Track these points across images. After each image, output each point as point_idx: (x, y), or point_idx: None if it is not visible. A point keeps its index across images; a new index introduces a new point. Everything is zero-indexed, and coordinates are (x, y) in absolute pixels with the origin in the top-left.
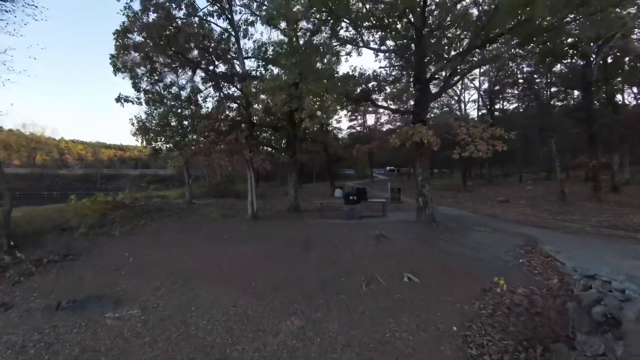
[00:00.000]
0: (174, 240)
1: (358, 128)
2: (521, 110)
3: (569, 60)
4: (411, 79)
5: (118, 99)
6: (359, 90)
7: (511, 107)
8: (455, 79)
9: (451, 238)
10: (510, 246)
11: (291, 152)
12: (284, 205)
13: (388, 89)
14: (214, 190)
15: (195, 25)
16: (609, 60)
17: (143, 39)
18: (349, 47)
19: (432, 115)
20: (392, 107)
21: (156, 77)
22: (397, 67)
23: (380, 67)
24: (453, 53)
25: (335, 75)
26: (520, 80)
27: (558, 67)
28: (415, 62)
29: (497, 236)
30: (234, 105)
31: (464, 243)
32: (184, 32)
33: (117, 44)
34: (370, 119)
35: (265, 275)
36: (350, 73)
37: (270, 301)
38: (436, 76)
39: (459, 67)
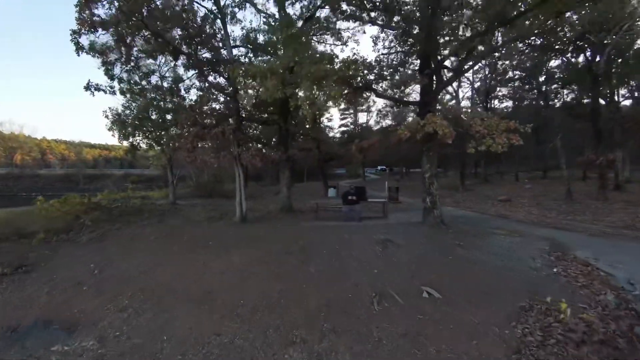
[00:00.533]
0: (149, 248)
1: (350, 126)
2: (514, 108)
3: (570, 55)
4: (417, 66)
5: (87, 87)
6: (359, 78)
7: (502, 105)
8: (470, 63)
9: (467, 243)
10: (536, 252)
11: (283, 147)
12: (275, 206)
13: (393, 77)
14: (200, 190)
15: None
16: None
17: (113, 13)
18: (351, 24)
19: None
20: (396, 97)
21: (132, 64)
22: (401, 53)
23: (382, 54)
24: (469, 34)
25: (336, 60)
26: (517, 76)
27: (555, 62)
28: (425, 44)
29: (517, 240)
30: (221, 98)
31: (484, 248)
32: (161, 10)
33: (80, 17)
34: (362, 118)
35: (256, 291)
36: (352, 57)
37: (263, 327)
38: (449, 60)
39: (475, 50)
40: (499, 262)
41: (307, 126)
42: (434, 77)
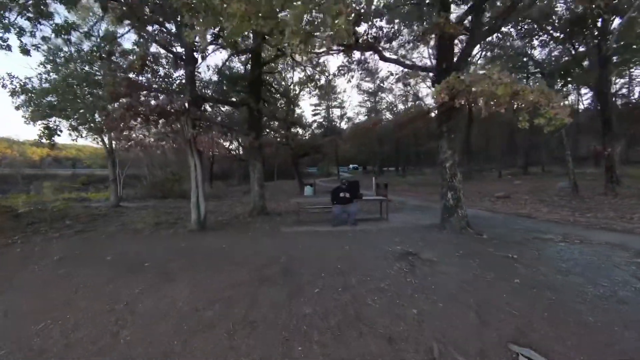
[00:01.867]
0: (45, 278)
1: (322, 121)
2: None
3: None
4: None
5: None
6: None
7: None
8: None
9: (522, 256)
10: (631, 267)
11: (255, 133)
12: (245, 207)
13: (405, 32)
14: (156, 191)
15: None
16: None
17: None
18: None
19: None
20: (405, 62)
21: (40, 9)
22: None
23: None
24: None
25: None
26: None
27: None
28: None
29: (582, 249)
30: (167, 63)
31: (550, 264)
32: None
33: None
34: (336, 112)
35: None
36: None
37: None
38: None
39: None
40: (591, 287)
41: (283, 107)
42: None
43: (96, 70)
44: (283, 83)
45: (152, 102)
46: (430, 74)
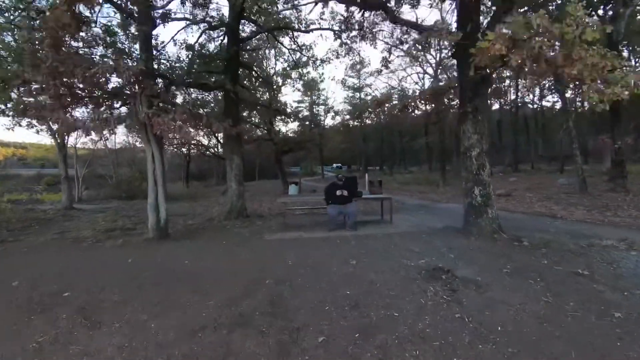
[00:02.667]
0: None
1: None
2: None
3: None
4: None
5: None
6: None
7: None
8: None
9: (598, 272)
10: None
11: (232, 120)
12: (221, 209)
13: None
14: (120, 191)
15: None
16: None
17: None
18: None
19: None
20: (418, 23)
21: None
22: None
23: None
24: None
25: None
26: None
27: None
28: None
29: None
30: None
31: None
32: None
33: None
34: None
35: None
36: None
37: None
38: None
39: None
40: None
41: (265, 98)
42: None
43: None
44: (265, 67)
45: (92, 70)
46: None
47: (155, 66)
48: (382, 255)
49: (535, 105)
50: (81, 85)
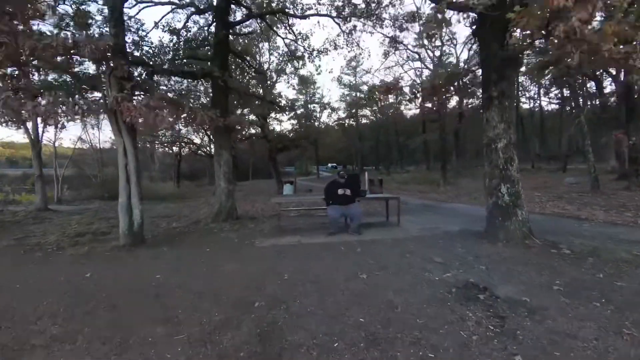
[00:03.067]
0: None
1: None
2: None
3: None
4: None
5: None
6: None
7: None
8: None
9: None
10: None
11: (220, 111)
12: (209, 210)
13: None
14: (105, 190)
15: None
16: None
17: None
18: None
19: None
20: None
21: None
22: None
23: None
24: None
25: None
26: None
27: None
28: None
29: None
30: None
31: None
32: None
33: None
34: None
35: None
36: None
37: None
38: None
39: None
40: None
41: (257, 89)
42: None
43: None
44: (259, 60)
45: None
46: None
47: (137, 53)
48: (398, 267)
49: (534, 104)
50: (35, 63)
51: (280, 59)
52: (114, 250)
